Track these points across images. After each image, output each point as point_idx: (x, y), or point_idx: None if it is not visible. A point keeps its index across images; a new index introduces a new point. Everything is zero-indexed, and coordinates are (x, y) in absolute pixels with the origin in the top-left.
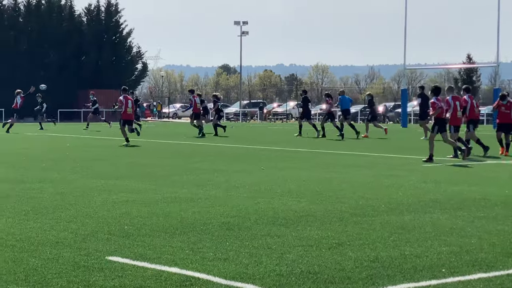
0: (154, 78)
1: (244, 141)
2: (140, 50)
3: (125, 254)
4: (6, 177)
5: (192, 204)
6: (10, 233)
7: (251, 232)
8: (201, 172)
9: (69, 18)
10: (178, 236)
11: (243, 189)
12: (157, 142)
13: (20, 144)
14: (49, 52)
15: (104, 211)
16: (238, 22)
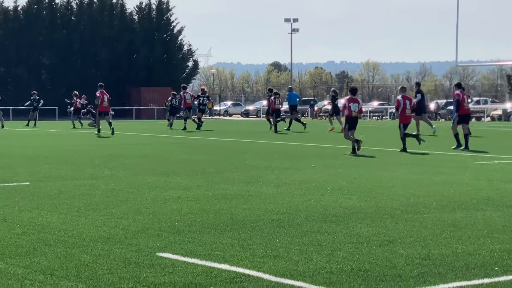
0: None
1: (294, 138)
2: (191, 48)
3: (175, 251)
4: (59, 174)
5: (243, 201)
6: (63, 229)
7: (302, 229)
8: (252, 169)
9: (121, 16)
10: (229, 232)
11: (294, 186)
12: (207, 139)
13: (72, 141)
14: (101, 50)
15: (155, 208)
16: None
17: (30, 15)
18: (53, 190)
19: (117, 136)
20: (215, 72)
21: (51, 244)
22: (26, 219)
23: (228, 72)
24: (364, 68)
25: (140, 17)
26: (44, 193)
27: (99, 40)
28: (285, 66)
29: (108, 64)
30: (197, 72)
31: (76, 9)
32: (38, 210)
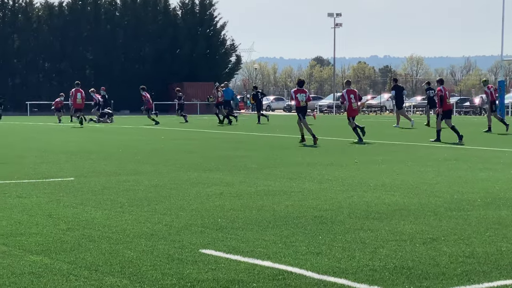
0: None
1: (337, 133)
2: (234, 43)
3: (218, 247)
4: (104, 169)
5: (285, 197)
6: (107, 225)
7: (344, 226)
8: (294, 164)
9: (164, 11)
10: (271, 229)
11: (336, 182)
12: (249, 134)
13: (115, 136)
14: (144, 45)
15: (198, 204)
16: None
17: (74, 11)
18: (97, 185)
19: (159, 131)
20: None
21: (95, 240)
22: (70, 214)
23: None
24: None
25: (183, 12)
26: (88, 189)
27: (142, 36)
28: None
29: (151, 59)
30: (240, 67)
31: (120, 5)
32: (83, 206)
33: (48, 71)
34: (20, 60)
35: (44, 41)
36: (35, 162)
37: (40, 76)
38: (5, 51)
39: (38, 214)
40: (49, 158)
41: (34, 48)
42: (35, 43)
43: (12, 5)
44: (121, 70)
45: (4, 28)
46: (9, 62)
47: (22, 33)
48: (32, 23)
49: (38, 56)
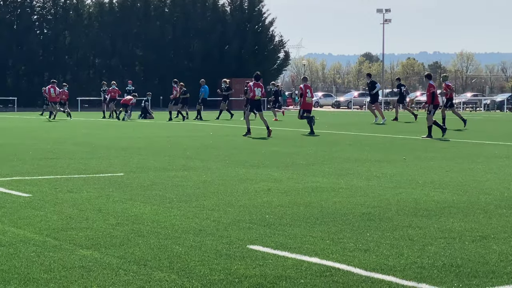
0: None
1: (385, 129)
2: (282, 39)
3: (266, 243)
4: (152, 165)
5: (333, 194)
6: (155, 220)
7: (392, 223)
8: (342, 161)
9: (213, 8)
10: (319, 226)
11: (385, 179)
12: (296, 130)
13: (164, 132)
14: (193, 42)
15: (246, 200)
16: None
17: (124, 8)
18: (146, 181)
19: (208, 127)
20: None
21: (144, 235)
22: (120, 210)
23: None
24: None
25: (232, 8)
26: (137, 184)
27: (191, 32)
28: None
29: (200, 56)
30: (288, 63)
31: (169, 2)
32: (132, 201)
33: (98, 67)
34: (71, 57)
35: (94, 37)
36: (85, 158)
37: (91, 72)
38: (57, 47)
39: (88, 209)
40: (99, 154)
41: (84, 45)
42: (85, 40)
43: (63, 2)
44: (170, 67)
45: (56, 24)
46: (60, 59)
47: (73, 30)
48: (83, 20)
49: (89, 52)
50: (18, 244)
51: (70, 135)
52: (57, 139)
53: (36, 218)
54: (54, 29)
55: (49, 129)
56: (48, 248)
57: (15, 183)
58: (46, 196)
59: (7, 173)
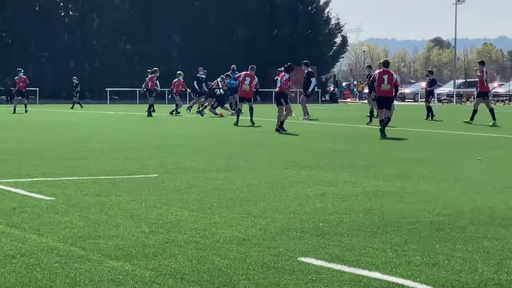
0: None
1: (458, 126)
2: (339, 22)
3: (319, 255)
4: (190, 165)
5: (397, 199)
6: (194, 228)
7: (465, 233)
8: (406, 162)
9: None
10: (380, 236)
11: (456, 182)
12: (352, 126)
13: (206, 126)
14: (238, 26)
15: (297, 206)
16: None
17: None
18: (183, 183)
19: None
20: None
21: (181, 244)
22: (154, 216)
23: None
24: None
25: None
26: (174, 187)
27: (236, 15)
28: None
29: (245, 42)
30: (346, 50)
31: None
32: (167, 206)
33: (129, 54)
34: (99, 42)
35: (125, 20)
36: (115, 157)
37: (122, 60)
38: (84, 31)
39: (118, 214)
40: (131, 152)
41: (114, 29)
42: (115, 23)
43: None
44: (211, 54)
45: (83, 5)
46: (87, 44)
47: (102, 11)
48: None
49: (119, 37)
50: (40, 254)
51: (97, 131)
52: (84, 137)
53: (60, 224)
54: (81, 11)
55: (76, 124)
56: (73, 259)
57: (36, 185)
58: (71, 200)
59: (27, 173)
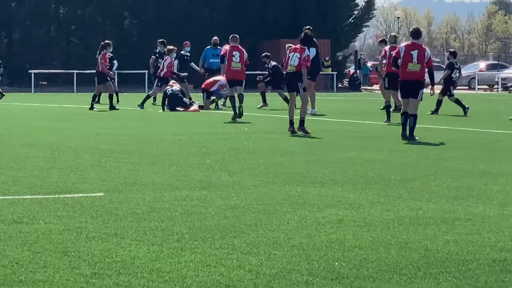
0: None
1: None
2: None
3: None
4: (149, 180)
5: (445, 229)
6: (155, 269)
7: None
8: (459, 175)
9: None
10: (422, 280)
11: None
12: (385, 126)
13: (174, 125)
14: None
15: (302, 237)
16: None
17: None
18: (139, 205)
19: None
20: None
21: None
22: (98, 252)
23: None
24: None
25: None
26: (126, 211)
27: None
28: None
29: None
30: (372, 15)
31: None
32: (117, 238)
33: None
34: (21, 4)
35: None
36: (43, 167)
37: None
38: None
39: (47, 250)
40: (66, 161)
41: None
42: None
43: None
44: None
45: None
46: (3, 8)
47: None
48: None
49: None
50: None
51: (17, 132)
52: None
53: None
54: None
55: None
56: None
57: None
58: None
59: None
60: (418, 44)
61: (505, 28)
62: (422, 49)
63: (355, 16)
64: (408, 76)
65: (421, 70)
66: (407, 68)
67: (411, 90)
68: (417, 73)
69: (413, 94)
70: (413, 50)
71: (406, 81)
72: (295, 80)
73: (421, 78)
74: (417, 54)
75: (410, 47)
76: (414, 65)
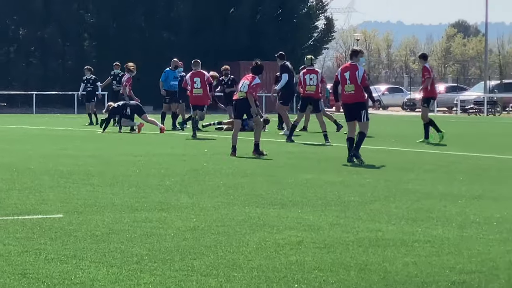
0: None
1: (490, 147)
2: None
3: None
4: (111, 201)
5: (404, 251)
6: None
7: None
8: (418, 197)
9: None
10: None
11: (488, 227)
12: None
13: (131, 147)
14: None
15: (262, 259)
16: None
17: None
18: (98, 227)
19: (201, 141)
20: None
21: None
22: (57, 273)
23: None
24: None
25: None
26: (86, 232)
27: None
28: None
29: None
30: (332, 37)
31: None
32: (76, 260)
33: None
34: None
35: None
36: (2, 189)
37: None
38: None
39: (5, 272)
40: (25, 182)
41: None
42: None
43: None
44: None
45: None
46: None
47: None
48: None
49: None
50: None
51: None
52: None
53: None
54: None
55: None
56: None
57: None
58: None
59: None
60: (352, 65)
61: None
62: (353, 69)
63: (315, 38)
64: (347, 99)
65: (357, 90)
66: (345, 90)
67: (353, 112)
68: (353, 95)
69: (357, 116)
70: (345, 72)
71: (345, 104)
72: (244, 107)
73: (361, 100)
74: (349, 75)
75: (344, 69)
76: (348, 86)
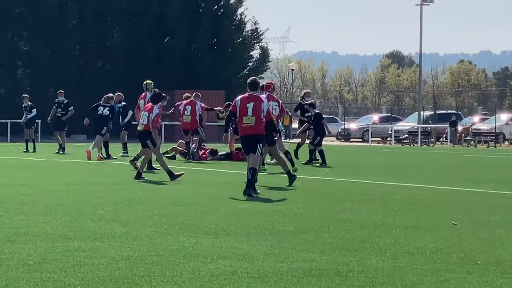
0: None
1: (424, 177)
2: (258, 27)
3: None
4: (43, 230)
5: (339, 280)
6: None
7: None
8: (352, 226)
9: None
10: None
11: (422, 257)
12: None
13: (67, 176)
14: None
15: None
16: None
17: None
18: (31, 256)
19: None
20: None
21: None
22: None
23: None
24: None
25: None
26: (18, 262)
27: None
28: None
29: (123, 54)
30: (267, 67)
31: None
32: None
33: None
34: None
35: None
36: None
37: None
38: None
39: None
40: None
41: None
42: None
43: None
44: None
45: None
46: None
47: None
48: None
49: None
50: None
51: None
52: None
53: None
54: None
55: None
56: None
57: None
58: None
59: None
60: (255, 96)
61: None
62: (258, 101)
63: (250, 67)
64: (244, 131)
65: (257, 123)
66: (243, 122)
67: (249, 145)
68: (253, 127)
69: (252, 149)
70: (248, 103)
71: (243, 136)
72: (144, 138)
73: (259, 132)
74: (253, 107)
75: (246, 99)
76: (248, 118)
